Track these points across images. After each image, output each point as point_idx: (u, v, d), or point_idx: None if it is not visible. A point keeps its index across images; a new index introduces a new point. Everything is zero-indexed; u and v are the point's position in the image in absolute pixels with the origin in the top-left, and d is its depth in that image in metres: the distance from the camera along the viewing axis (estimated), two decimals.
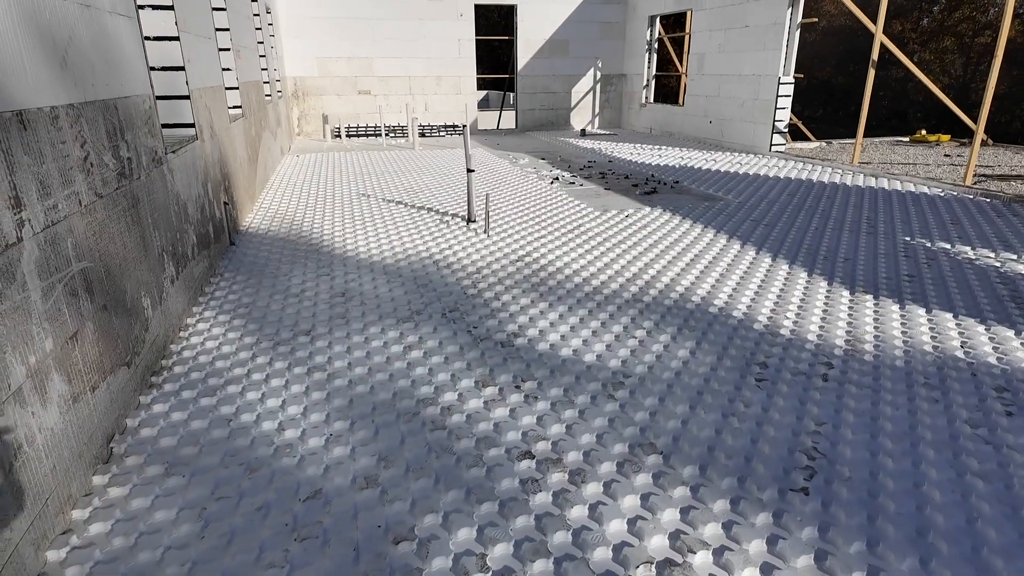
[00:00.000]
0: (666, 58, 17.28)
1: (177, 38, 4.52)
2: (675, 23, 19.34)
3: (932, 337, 3.61)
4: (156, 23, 4.43)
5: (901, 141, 13.63)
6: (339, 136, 14.42)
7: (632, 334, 3.66)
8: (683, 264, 4.95)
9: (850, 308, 4.05)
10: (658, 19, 14.96)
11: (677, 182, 8.70)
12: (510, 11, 15.46)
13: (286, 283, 4.60)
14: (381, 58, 14.55)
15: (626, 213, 6.77)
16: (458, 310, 4.04)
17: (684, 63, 14.79)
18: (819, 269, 4.82)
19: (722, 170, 9.59)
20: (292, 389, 3.05)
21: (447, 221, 6.44)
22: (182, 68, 4.59)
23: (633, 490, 2.31)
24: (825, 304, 4.11)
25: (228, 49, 6.82)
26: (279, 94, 11.94)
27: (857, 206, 6.98)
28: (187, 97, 4.68)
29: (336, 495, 2.28)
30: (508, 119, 17.31)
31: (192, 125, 4.75)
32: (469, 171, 6.24)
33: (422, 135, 15.02)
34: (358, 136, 14.66)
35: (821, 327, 3.75)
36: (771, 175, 9.11)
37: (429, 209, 7.00)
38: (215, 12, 6.48)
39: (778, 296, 4.25)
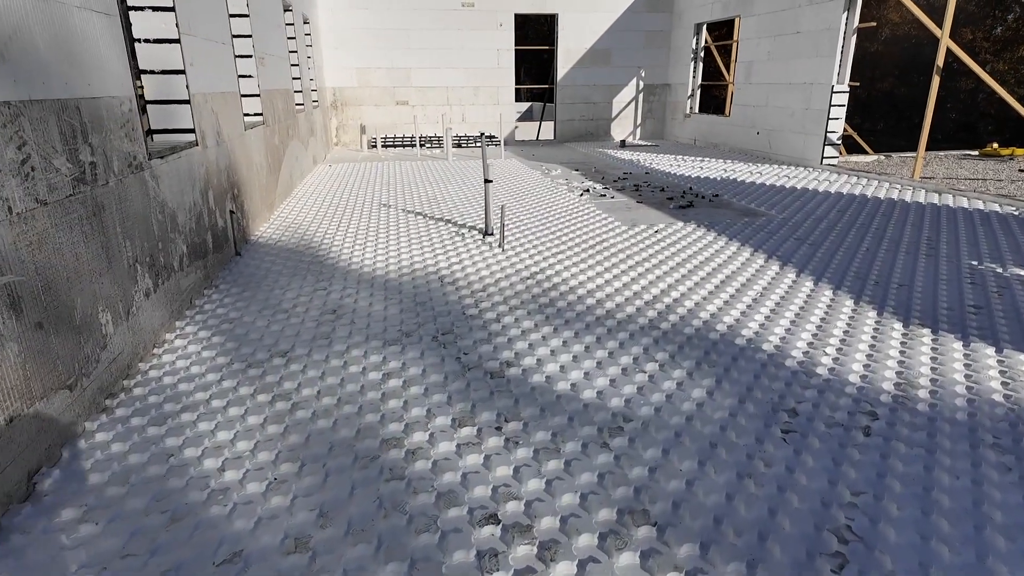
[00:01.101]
0: (713, 67, 16.64)
1: (178, 40, 4.36)
2: (723, 31, 18.70)
3: (1003, 384, 3.03)
4: (155, 24, 4.28)
5: (969, 155, 12.62)
6: (375, 146, 14.38)
7: (642, 367, 3.21)
8: (711, 287, 4.46)
9: (902, 345, 3.48)
10: (704, 27, 14.39)
11: (716, 195, 8.15)
12: (555, 20, 15.16)
13: (280, 297, 4.34)
14: (419, 68, 14.47)
15: (655, 228, 6.29)
16: (452, 332, 3.68)
17: (731, 72, 14.15)
18: (868, 296, 4.24)
19: (767, 183, 8.97)
20: (249, 420, 2.74)
21: (463, 234, 6.11)
22: (182, 72, 4.43)
23: (613, 574, 1.88)
24: (872, 339, 3.56)
25: (249, 56, 6.72)
26: (315, 104, 11.95)
27: (916, 225, 6.30)
28: (187, 102, 4.51)
29: (258, 559, 1.93)
30: (548, 130, 16.98)
31: (192, 131, 4.57)
32: (487, 182, 5.91)
33: (458, 146, 14.84)
34: (394, 146, 14.59)
35: (866, 367, 3.21)
36: (821, 189, 8.44)
37: (447, 221, 6.69)
38: (235, 19, 6.39)
39: (817, 328, 3.72)
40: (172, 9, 4.29)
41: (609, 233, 6.11)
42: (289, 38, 9.81)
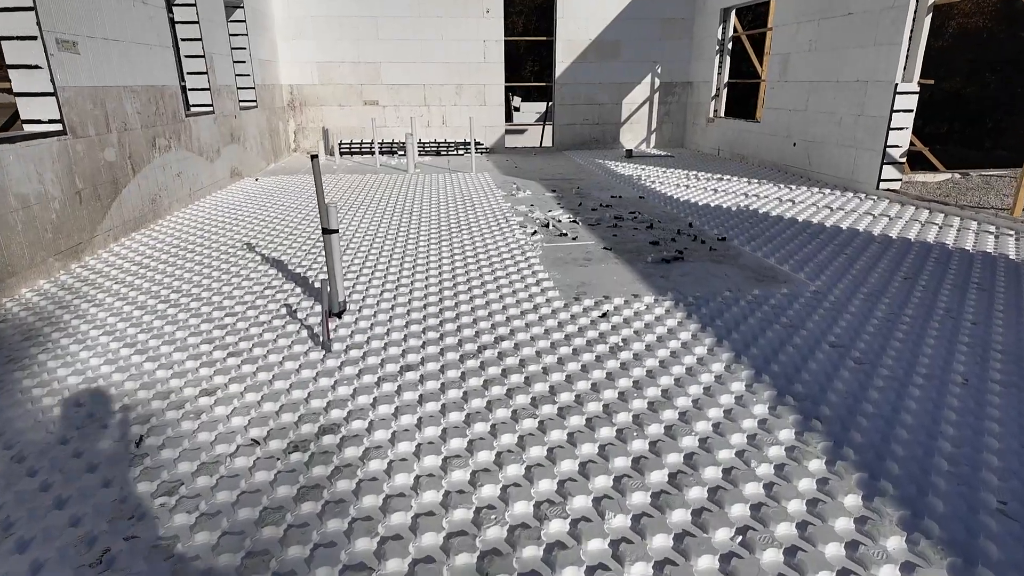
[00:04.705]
0: (747, 64, 14.03)
1: None
2: (757, 16, 16.05)
3: None
4: None
5: None
6: (333, 154, 12.33)
7: None
8: (638, 481, 2.13)
9: None
10: (733, 12, 11.84)
11: (723, 239, 5.74)
12: (553, 6, 12.82)
13: None
14: (391, 63, 12.35)
15: (605, 309, 3.95)
16: None
17: (764, 67, 11.57)
18: (956, 544, 1.85)
19: (800, 219, 6.48)
20: None
21: (301, 311, 3.91)
22: None
23: None
24: None
25: (33, 38, 4.66)
26: (248, 104, 9.96)
27: None
28: None
29: None
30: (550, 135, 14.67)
31: None
32: (326, 233, 3.69)
33: (438, 153, 12.68)
34: (360, 153, 12.51)
35: None
36: (877, 232, 5.92)
37: (300, 281, 4.49)
38: None
39: None
40: None
41: (529, 315, 3.81)
42: (186, 21, 7.80)
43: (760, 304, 4.02)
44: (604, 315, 3.85)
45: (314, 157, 3.57)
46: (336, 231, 3.71)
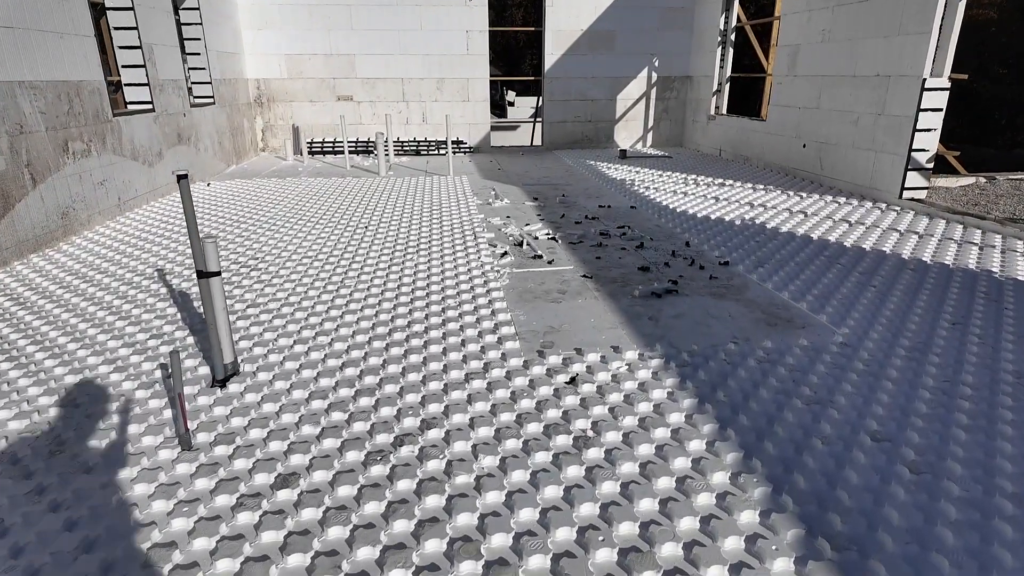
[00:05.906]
0: (753, 58, 13.09)
1: None
2: (761, 6, 15.08)
3: None
4: None
5: None
6: (300, 154, 11.41)
7: None
8: None
9: None
10: (736, 1, 10.89)
11: (726, 263, 4.84)
12: None
13: None
14: (367, 55, 11.41)
15: (574, 372, 3.06)
16: None
17: (770, 60, 10.63)
18: None
19: (815, 236, 5.58)
20: None
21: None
22: None
23: None
24: None
25: None
26: (204, 101, 9.05)
27: None
28: None
29: None
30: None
31: None
32: (201, 276, 2.79)
33: (417, 153, 11.77)
34: (333, 153, 11.59)
35: None
36: (907, 253, 5.03)
37: (199, 325, 3.60)
38: None
39: None
40: None
41: (475, 382, 2.92)
42: (118, 8, 6.88)
43: (774, 364, 3.13)
44: (572, 380, 2.96)
45: (181, 178, 2.67)
46: (218, 274, 2.82)
